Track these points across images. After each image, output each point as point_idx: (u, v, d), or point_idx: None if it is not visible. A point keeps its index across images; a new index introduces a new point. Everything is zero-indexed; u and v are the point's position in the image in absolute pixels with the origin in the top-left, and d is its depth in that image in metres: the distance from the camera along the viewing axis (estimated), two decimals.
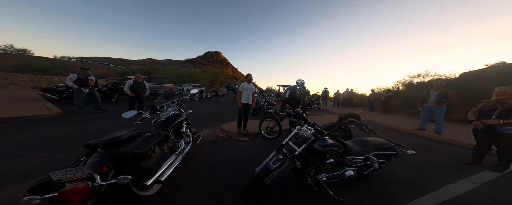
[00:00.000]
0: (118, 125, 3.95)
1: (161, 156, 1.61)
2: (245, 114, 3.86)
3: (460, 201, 1.73)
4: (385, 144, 2.04)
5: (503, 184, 2.10)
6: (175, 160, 1.88)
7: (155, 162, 1.48)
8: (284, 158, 1.76)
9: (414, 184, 2.02)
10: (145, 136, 1.55)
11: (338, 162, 1.83)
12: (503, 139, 2.40)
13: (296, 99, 3.30)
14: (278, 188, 1.87)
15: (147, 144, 1.41)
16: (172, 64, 43.73)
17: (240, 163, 2.46)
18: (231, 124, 4.35)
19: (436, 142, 3.97)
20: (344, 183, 1.93)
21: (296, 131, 1.93)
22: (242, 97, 3.84)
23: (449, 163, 2.70)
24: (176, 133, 2.35)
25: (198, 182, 1.94)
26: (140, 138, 1.51)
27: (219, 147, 3.05)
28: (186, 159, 2.42)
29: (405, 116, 7.43)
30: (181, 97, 2.97)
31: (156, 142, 1.52)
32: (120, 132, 1.49)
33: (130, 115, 2.06)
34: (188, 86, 14.36)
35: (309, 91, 3.24)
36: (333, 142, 1.76)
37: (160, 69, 23.68)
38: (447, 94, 4.27)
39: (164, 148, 1.67)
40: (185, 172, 2.13)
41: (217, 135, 3.79)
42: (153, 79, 9.17)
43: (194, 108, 7.53)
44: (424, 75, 9.49)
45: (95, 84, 5.23)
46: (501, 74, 7.09)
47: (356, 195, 1.76)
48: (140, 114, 2.19)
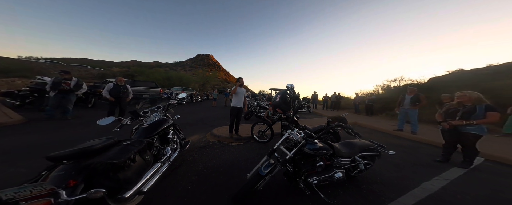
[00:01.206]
0: (92, 133, 3.63)
1: (143, 165, 1.50)
2: (236, 118, 3.83)
3: (436, 197, 1.88)
4: (369, 146, 2.16)
5: (469, 179, 2.34)
6: (160, 168, 1.77)
7: (135, 172, 1.37)
8: (276, 162, 1.76)
9: (396, 183, 2.15)
10: (124, 144, 1.43)
11: (328, 164, 1.89)
12: (466, 138, 2.65)
13: (287, 103, 3.37)
14: (270, 193, 1.87)
15: (125, 153, 1.30)
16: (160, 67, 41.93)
17: (232, 168, 2.41)
18: (223, 129, 4.27)
19: (412, 142, 4.31)
20: (334, 186, 1.98)
21: (287, 135, 1.96)
22: (233, 100, 3.82)
23: (424, 162, 2.94)
24: (162, 139, 2.23)
25: (186, 190, 1.87)
26: (117, 147, 1.38)
27: (210, 153, 2.97)
28: (173, 167, 2.30)
29: (385, 118, 8.00)
30: (167, 101, 2.84)
31: (136, 150, 1.41)
32: (93, 141, 1.35)
33: (107, 122, 1.88)
34: (177, 90, 14.02)
35: (299, 95, 3.32)
36: (322, 145, 1.82)
37: (146, 72, 22.65)
38: (419, 97, 4.73)
39: (147, 156, 1.57)
40: (172, 181, 2.03)
41: (207, 140, 3.69)
42: (137, 83, 8.68)
43: (183, 113, 7.28)
44: (399, 80, 10.38)
45: (75, 87, 4.72)
46: (460, 80, 8.05)
47: (345, 197, 1.82)
48: (119, 121, 2.00)
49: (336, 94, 12.39)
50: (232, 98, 3.86)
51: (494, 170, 2.72)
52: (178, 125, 2.82)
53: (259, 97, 8.23)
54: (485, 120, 2.48)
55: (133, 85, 7.70)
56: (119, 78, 4.93)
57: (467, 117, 2.61)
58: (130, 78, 15.30)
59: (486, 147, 3.37)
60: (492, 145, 3.69)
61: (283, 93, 3.35)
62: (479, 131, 2.57)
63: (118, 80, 4.84)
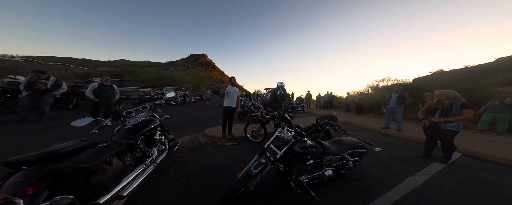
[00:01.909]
0: (69, 136, 3.41)
1: (121, 169, 1.41)
2: (229, 118, 3.79)
3: (419, 191, 1.98)
4: (357, 143, 2.21)
5: (448, 173, 2.48)
6: (143, 170, 1.70)
7: (111, 175, 1.29)
8: (267, 162, 1.76)
9: (383, 179, 2.23)
10: (99, 147, 1.34)
11: (318, 162, 1.91)
12: (444, 134, 2.81)
13: (277, 101, 3.38)
14: (262, 193, 1.86)
15: (98, 156, 1.21)
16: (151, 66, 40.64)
17: (224, 169, 2.38)
18: (216, 129, 4.21)
19: (398, 138, 4.51)
20: (324, 184, 2.02)
21: (277, 134, 1.96)
22: (226, 100, 3.78)
23: (408, 157, 3.08)
24: (148, 141, 2.15)
25: (174, 193, 1.81)
26: (91, 149, 1.29)
27: (201, 154, 2.91)
28: (161, 169, 2.23)
29: (374, 116, 8.30)
30: (154, 101, 2.73)
31: (113, 153, 1.32)
32: (62, 144, 1.25)
33: (83, 123, 1.74)
34: (169, 90, 13.74)
35: (288, 94, 3.34)
36: (312, 144, 1.84)
37: (136, 72, 21.92)
38: (404, 96, 4.97)
39: (127, 159, 1.48)
40: (159, 183, 1.96)
41: (199, 140, 3.62)
42: (125, 82, 8.31)
43: (175, 113, 7.15)
44: (387, 80, 10.83)
45: (52, 87, 4.41)
46: (441, 80, 8.57)
47: (335, 195, 1.86)
48: (98, 122, 1.88)
49: (328, 93, 12.72)
50: (225, 98, 3.82)
51: (470, 164, 2.91)
52: (167, 125, 2.73)
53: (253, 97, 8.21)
54: (461, 117, 2.65)
55: (120, 85, 7.36)
56: (104, 77, 4.68)
57: (445, 114, 2.76)
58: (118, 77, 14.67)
59: (463, 142, 3.59)
60: (468, 141, 3.95)
61: (274, 91, 3.36)
62: (455, 127, 2.73)
63: (103, 80, 4.59)
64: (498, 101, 4.87)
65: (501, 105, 4.79)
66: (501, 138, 4.44)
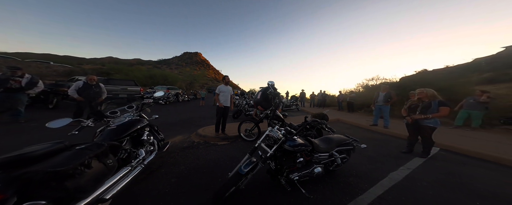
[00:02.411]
0: (46, 138, 3.20)
1: (103, 171, 1.36)
2: (223, 117, 3.78)
3: (400, 185, 2.10)
4: (344, 140, 2.30)
5: (427, 167, 2.66)
6: (129, 172, 1.66)
7: (91, 179, 1.24)
8: (257, 160, 1.78)
9: (369, 175, 2.34)
10: (76, 149, 1.27)
11: (308, 160, 1.97)
12: (424, 130, 2.99)
13: (268, 100, 3.41)
14: (253, 191, 1.89)
15: (75, 159, 1.16)
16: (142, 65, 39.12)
17: (216, 168, 2.38)
18: (209, 128, 4.17)
19: (384, 135, 4.73)
20: (314, 181, 2.09)
21: (267, 133, 2.00)
22: (220, 99, 3.76)
23: (393, 153, 3.25)
24: (135, 142, 2.09)
25: (163, 194, 1.79)
26: (67, 152, 1.22)
27: (193, 153, 2.89)
28: (150, 170, 2.19)
29: (364, 114, 8.63)
30: (141, 100, 2.63)
31: (92, 155, 1.27)
32: (34, 146, 1.18)
33: (61, 124, 1.62)
34: (160, 89, 13.22)
35: (279, 92, 3.39)
36: (302, 142, 1.88)
37: (125, 70, 20.99)
38: (391, 94, 5.21)
39: (108, 161, 1.43)
40: (147, 185, 1.93)
41: (192, 140, 3.57)
42: (112, 81, 7.92)
43: (167, 113, 6.98)
44: (376, 79, 11.25)
45: (27, 86, 4.11)
46: (424, 79, 9.05)
47: (325, 191, 1.92)
48: (78, 122, 1.77)
49: (322, 92, 13.06)
50: (219, 97, 3.80)
51: (447, 158, 3.13)
52: (156, 125, 2.67)
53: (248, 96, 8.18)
54: (438, 114, 2.83)
55: (107, 84, 7.02)
56: (90, 76, 4.42)
57: (424, 111, 2.94)
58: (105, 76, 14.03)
59: (440, 138, 3.84)
60: (445, 136, 4.23)
61: (264, 90, 3.39)
62: (434, 124, 2.92)
63: (89, 79, 4.33)
64: (473, 99, 5.23)
65: (475, 103, 5.16)
66: (474, 133, 4.80)
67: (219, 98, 3.78)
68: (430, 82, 8.02)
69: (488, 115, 5.23)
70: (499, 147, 3.56)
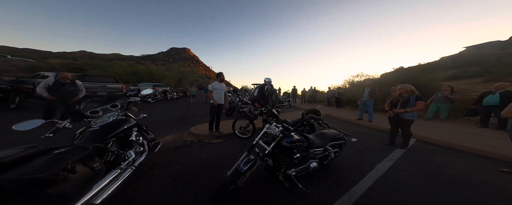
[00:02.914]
0: (13, 142, 2.83)
1: (90, 175, 1.26)
2: (217, 114, 3.69)
3: (386, 175, 2.28)
4: (337, 135, 2.40)
5: (407, 157, 2.92)
6: (119, 175, 1.57)
7: (76, 184, 1.14)
8: (256, 158, 1.79)
9: (358, 167, 2.49)
10: (55, 153, 1.16)
11: (304, 155, 2.03)
12: (404, 123, 3.28)
13: (265, 97, 3.41)
14: (252, 189, 1.90)
15: (55, 164, 1.05)
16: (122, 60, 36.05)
17: (212, 167, 2.34)
18: (202, 127, 4.06)
19: (369, 129, 5.07)
20: (310, 175, 2.16)
21: (265, 130, 2.00)
22: (214, 97, 3.65)
23: (377, 145, 3.50)
24: (123, 143, 1.96)
25: (158, 195, 1.73)
26: (44, 157, 1.11)
27: (187, 153, 2.79)
28: (141, 172, 2.09)
29: (351, 109, 9.13)
30: (127, 99, 2.46)
31: (76, 158, 1.17)
32: (4, 151, 1.05)
33: (30, 126, 1.43)
34: (146, 86, 12.56)
35: (276, 89, 3.40)
36: (299, 138, 1.92)
37: (103, 65, 19.25)
38: (375, 90, 5.56)
39: (95, 164, 1.32)
40: (140, 187, 1.85)
41: (184, 139, 3.45)
42: (88, 77, 7.23)
43: (155, 111, 6.60)
44: (360, 75, 11.90)
45: None
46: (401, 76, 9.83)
47: (320, 185, 2.01)
48: (52, 124, 1.58)
49: (312, 88, 13.49)
50: (212, 94, 3.68)
51: (422, 148, 3.46)
52: (145, 125, 2.52)
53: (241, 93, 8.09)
54: (416, 108, 3.12)
55: (83, 80, 6.37)
56: (62, 73, 3.89)
57: (404, 106, 3.21)
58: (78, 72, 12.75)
59: (416, 130, 4.21)
60: (420, 128, 4.66)
61: (261, 87, 3.37)
62: (411, 117, 3.22)
63: (61, 77, 3.80)
64: (441, 93, 5.85)
65: (442, 97, 5.78)
66: (442, 124, 5.39)
67: (212, 95, 3.67)
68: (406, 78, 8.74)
69: (453, 108, 5.90)
70: (463, 136, 4.04)
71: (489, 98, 4.86)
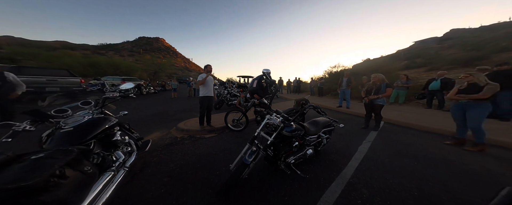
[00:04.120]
0: None
1: (83, 179, 1.17)
2: (208, 108, 3.53)
3: (367, 156, 2.57)
4: (328, 122, 2.58)
5: (379, 138, 3.36)
6: (112, 177, 1.47)
7: (71, 190, 1.06)
8: (258, 149, 1.81)
9: (345, 151, 2.76)
10: (32, 159, 1.04)
11: (301, 143, 2.15)
12: (376, 108, 3.77)
13: (263, 88, 3.38)
14: (254, 179, 1.94)
15: (38, 170, 0.95)
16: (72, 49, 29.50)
17: (210, 162, 2.29)
18: (191, 122, 3.85)
19: (348, 115, 5.62)
20: (306, 162, 2.31)
21: (266, 121, 2.02)
22: (202, 90, 3.45)
23: (356, 130, 3.93)
24: (106, 144, 1.77)
25: (160, 194, 1.66)
26: (18, 164, 0.99)
27: (180, 150, 2.66)
28: (132, 173, 1.94)
29: (331, 97, 9.88)
30: (102, 94, 2.13)
31: (62, 163, 1.06)
32: None
33: None
34: (111, 80, 10.87)
35: (274, 80, 3.40)
36: (297, 127, 2.00)
37: (45, 55, 15.84)
38: (350, 79, 6.12)
39: (86, 168, 1.22)
40: (136, 188, 1.74)
41: (173, 136, 3.26)
42: (26, 70, 5.79)
43: (132, 108, 5.91)
44: (337, 66, 12.80)
45: None
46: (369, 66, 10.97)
47: (315, 170, 2.17)
48: (7, 126, 1.34)
49: (297, 79, 13.96)
50: (200, 88, 3.48)
51: (389, 129, 4.05)
52: (128, 123, 2.26)
53: (229, 85, 7.77)
54: (386, 94, 3.61)
55: (18, 74, 5.08)
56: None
57: (377, 92, 3.67)
58: (7, 63, 10.18)
59: (383, 113, 4.90)
60: (385, 112, 5.41)
61: (259, 78, 3.32)
62: (382, 102, 3.71)
63: None
64: (400, 81, 6.86)
65: (400, 84, 6.80)
66: (401, 108, 6.39)
67: (201, 88, 3.50)
68: (374, 68, 9.77)
69: (408, 93, 7.01)
70: (416, 116, 4.88)
71: (433, 84, 5.95)
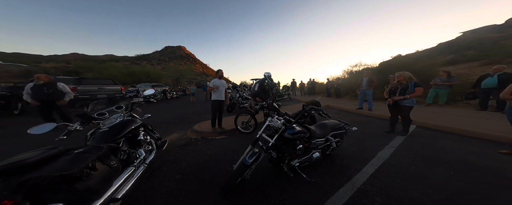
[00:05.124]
0: (28, 145, 3.00)
1: (109, 172, 1.40)
2: (219, 111, 3.76)
3: (387, 163, 2.32)
4: (338, 125, 2.45)
5: (407, 144, 2.97)
6: (133, 172, 1.69)
7: (100, 180, 1.28)
8: (260, 151, 1.84)
9: (360, 155, 2.55)
10: (75, 153, 1.29)
11: (306, 146, 2.08)
12: (403, 110, 3.32)
13: (265, 91, 3.45)
14: (258, 180, 1.96)
15: (78, 163, 1.18)
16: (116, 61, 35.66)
17: (218, 162, 2.41)
18: (205, 124, 4.13)
19: (369, 117, 5.13)
20: (313, 165, 2.22)
21: (268, 123, 2.04)
22: (214, 94, 3.70)
23: (378, 134, 3.56)
24: (132, 142, 2.06)
25: (171, 190, 1.82)
26: (65, 157, 1.23)
27: (193, 150, 2.88)
28: (152, 169, 2.19)
29: (350, 99, 9.19)
30: (130, 100, 2.54)
31: (94, 157, 1.29)
32: (27, 153, 1.17)
33: (44, 129, 1.58)
34: (144, 87, 12.58)
35: (276, 83, 3.44)
36: (300, 129, 1.97)
37: (97, 68, 19.18)
38: (373, 79, 5.60)
39: (112, 162, 1.45)
40: (153, 183, 1.94)
41: (188, 137, 3.53)
42: (85, 81, 7.14)
43: (157, 111, 6.70)
44: (359, 65, 11.90)
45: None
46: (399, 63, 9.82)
47: (323, 174, 2.07)
48: (64, 126, 1.73)
49: (311, 80, 13.57)
50: (212, 92, 3.74)
51: (422, 134, 3.52)
52: (150, 125, 2.59)
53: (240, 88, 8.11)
54: (414, 94, 3.15)
55: (80, 84, 6.34)
56: (37, 75, 3.67)
57: (403, 93, 3.24)
58: (74, 75, 12.70)
59: (415, 116, 4.26)
60: (419, 114, 4.72)
61: (261, 81, 3.41)
62: (411, 103, 3.25)
63: (37, 78, 3.57)
64: (439, 79, 5.88)
65: (440, 82, 5.82)
66: (442, 109, 5.46)
67: (213, 93, 3.74)
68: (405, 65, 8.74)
69: (452, 92, 5.94)
70: (462, 120, 4.10)
71: (487, 80, 4.89)
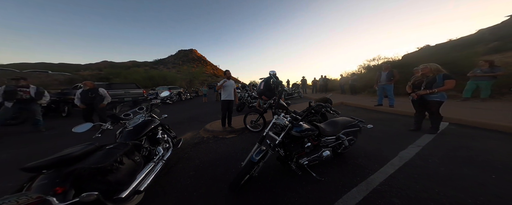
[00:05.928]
0: (72, 142, 3.45)
1: (134, 167, 1.57)
2: (228, 111, 3.85)
3: (411, 163, 2.10)
4: (350, 122, 2.31)
5: (437, 143, 2.64)
6: (153, 167, 1.84)
7: (126, 173, 1.44)
8: (267, 148, 1.83)
9: (378, 155, 2.35)
10: (107, 148, 1.48)
11: (315, 144, 2.00)
12: (431, 105, 2.95)
13: (271, 89, 3.42)
14: (266, 178, 1.96)
15: (109, 157, 1.35)
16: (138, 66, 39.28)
17: (228, 160, 2.48)
18: (216, 123, 4.27)
19: (390, 114, 4.72)
20: (324, 164, 2.13)
21: (274, 121, 2.02)
22: (223, 94, 3.81)
23: (400, 132, 3.25)
24: (152, 140, 2.26)
25: (185, 185, 1.92)
26: (100, 151, 1.43)
27: (205, 148, 3.00)
28: (169, 166, 2.34)
29: (367, 95, 8.59)
30: (150, 102, 2.79)
31: (122, 153, 1.47)
32: (71, 148, 1.38)
33: (84, 128, 1.84)
34: (162, 89, 13.67)
35: (281, 81, 3.39)
36: (308, 127, 1.91)
37: (123, 73, 21.12)
38: (393, 73, 5.13)
39: (136, 157, 1.63)
40: (169, 178, 2.07)
41: (201, 136, 3.70)
42: (114, 85, 8.06)
43: (173, 112, 7.18)
44: (377, 59, 11.02)
45: (37, 96, 4.29)
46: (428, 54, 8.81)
47: (335, 174, 1.97)
48: (99, 126, 1.99)
49: (323, 77, 13.10)
50: (221, 92, 3.85)
51: (457, 132, 3.09)
52: (167, 124, 2.80)
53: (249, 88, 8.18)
54: (444, 87, 2.78)
55: (110, 88, 7.13)
56: (85, 82, 4.50)
57: (429, 86, 2.88)
58: (105, 81, 14.26)
59: (449, 112, 3.79)
60: (454, 110, 4.18)
61: (267, 80, 3.39)
62: (440, 98, 2.88)
63: (84, 84, 4.39)
64: (479, 70, 5.08)
65: (481, 73, 5.02)
66: (484, 104, 4.72)
67: (222, 93, 3.84)
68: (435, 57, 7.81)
69: (496, 84, 5.07)
70: (509, 115, 3.49)
71: None
